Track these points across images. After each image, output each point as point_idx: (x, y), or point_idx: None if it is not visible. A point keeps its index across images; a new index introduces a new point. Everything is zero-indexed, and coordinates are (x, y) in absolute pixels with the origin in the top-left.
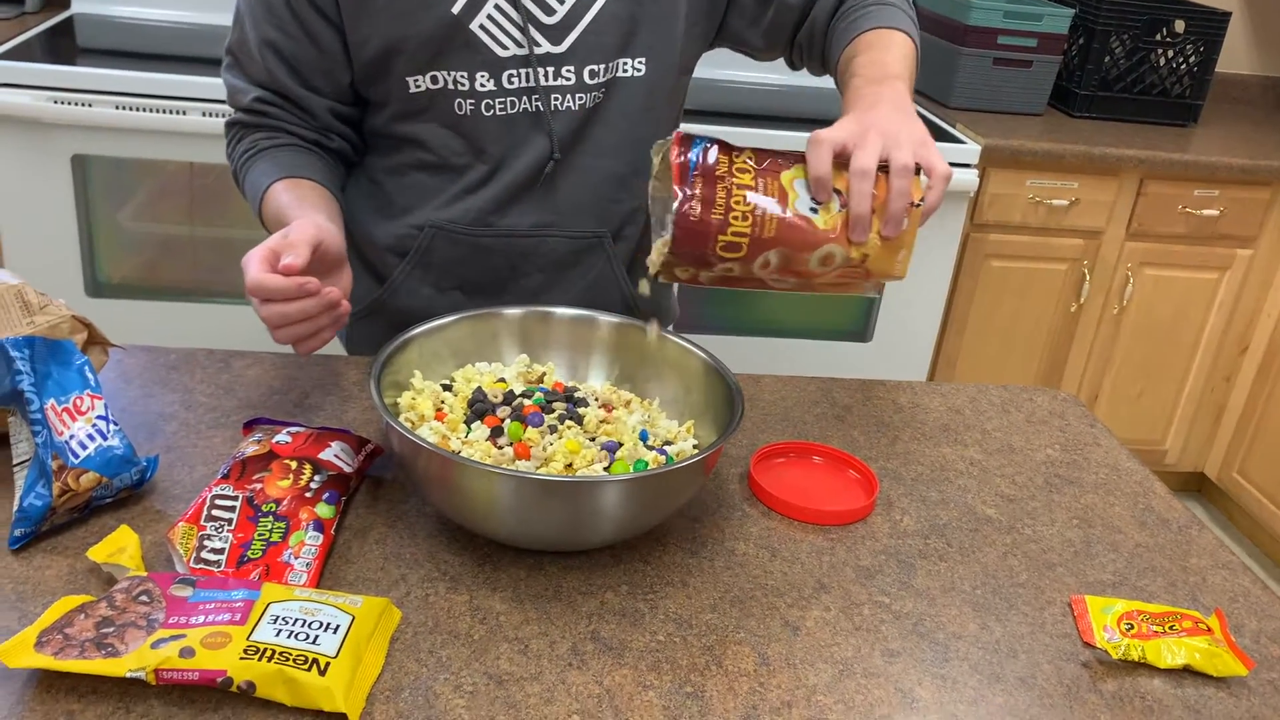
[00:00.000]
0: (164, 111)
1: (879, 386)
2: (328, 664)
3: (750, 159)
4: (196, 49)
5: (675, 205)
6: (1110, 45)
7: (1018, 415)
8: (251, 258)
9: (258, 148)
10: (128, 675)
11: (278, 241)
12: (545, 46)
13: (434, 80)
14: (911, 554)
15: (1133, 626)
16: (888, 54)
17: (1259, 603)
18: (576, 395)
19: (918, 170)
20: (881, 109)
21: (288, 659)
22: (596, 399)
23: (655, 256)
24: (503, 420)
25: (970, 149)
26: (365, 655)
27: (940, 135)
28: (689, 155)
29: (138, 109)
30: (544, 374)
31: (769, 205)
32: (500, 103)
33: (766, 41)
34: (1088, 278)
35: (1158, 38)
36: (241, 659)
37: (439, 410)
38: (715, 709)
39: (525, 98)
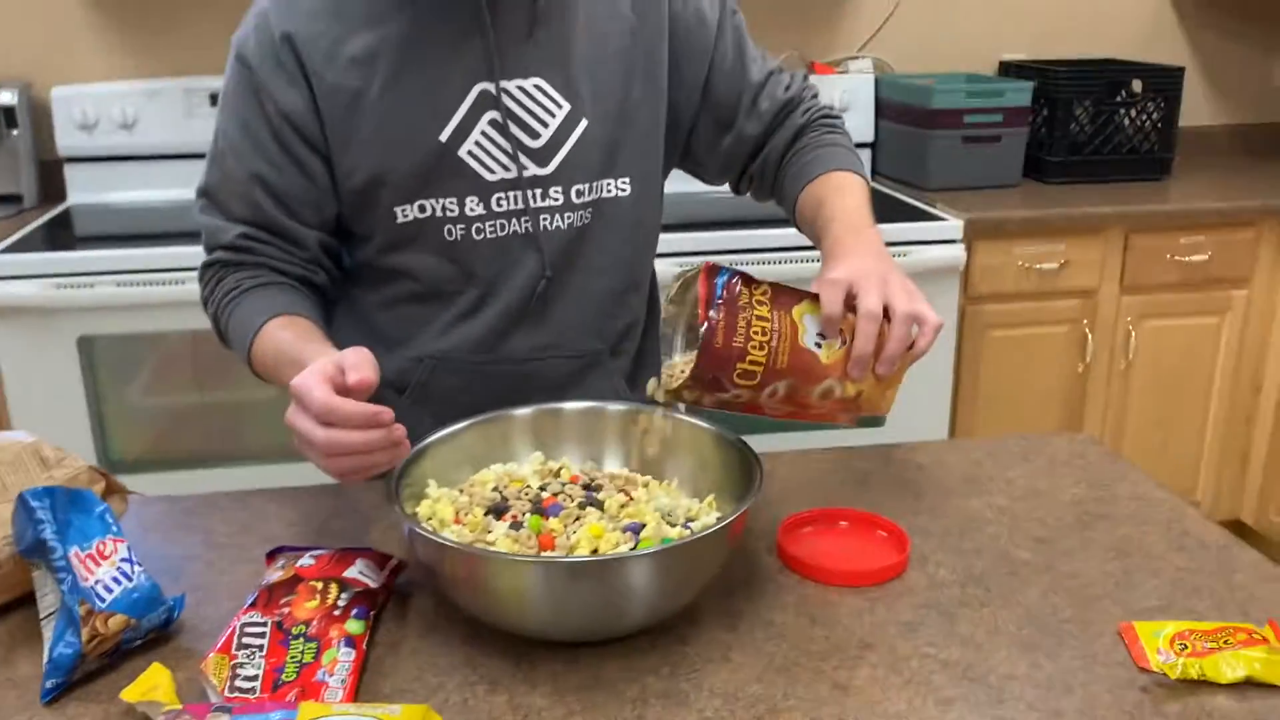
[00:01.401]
0: (163, 284)
1: (896, 449)
2: None
3: (766, 292)
4: (190, 223)
5: (703, 329)
6: (1074, 111)
7: (1039, 460)
8: (311, 380)
9: (241, 288)
10: None
11: (335, 362)
12: (532, 169)
13: (421, 209)
14: (952, 603)
15: (1187, 646)
16: (851, 199)
17: None
18: (594, 484)
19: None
20: (871, 258)
21: None
22: (615, 483)
23: (669, 378)
24: (521, 515)
25: (953, 224)
26: None
27: (920, 215)
28: (715, 284)
29: (138, 284)
30: (560, 468)
31: (782, 338)
32: (491, 225)
33: (720, 166)
34: (1090, 336)
35: (1118, 99)
36: None
37: (457, 516)
38: None
39: (515, 220)
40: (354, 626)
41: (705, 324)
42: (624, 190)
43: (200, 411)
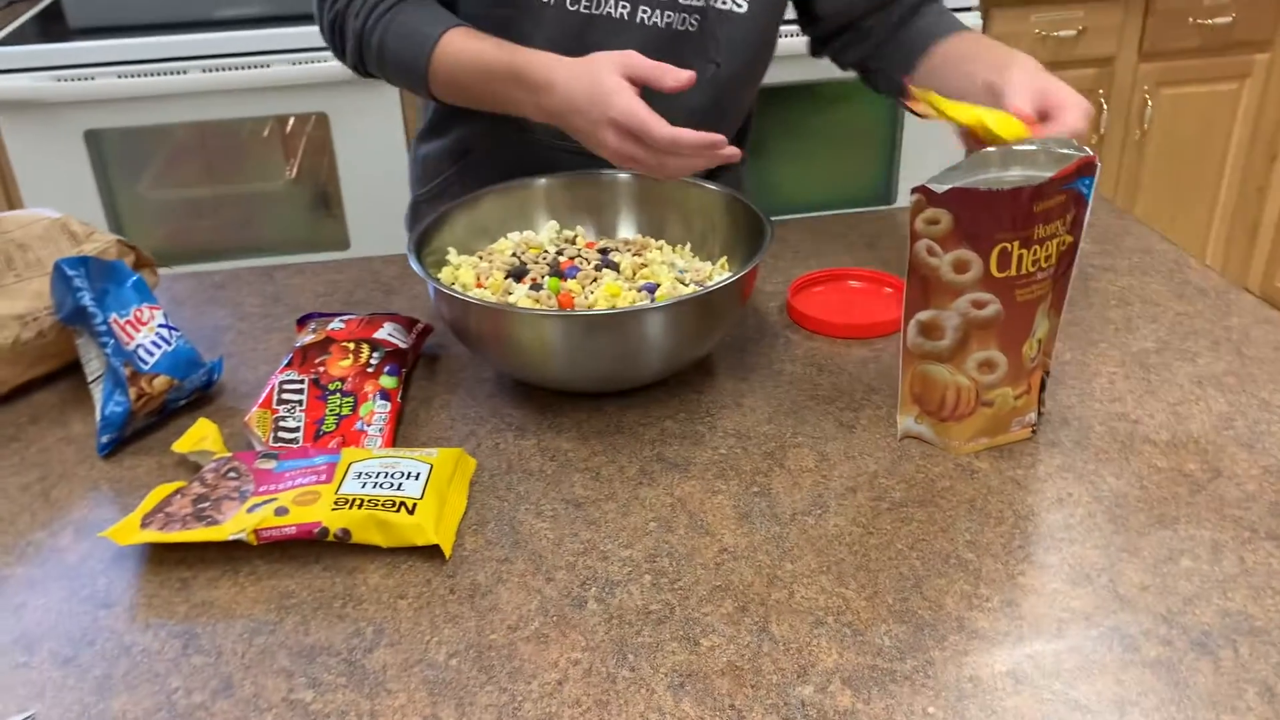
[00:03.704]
0: (166, 74)
1: (904, 213)
2: (415, 504)
3: None
4: (185, 13)
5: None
6: None
7: None
8: (639, 108)
9: (389, 2)
10: (230, 539)
11: (627, 70)
12: None
13: None
14: None
15: None
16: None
17: None
18: (609, 250)
19: None
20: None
21: (376, 504)
22: (629, 248)
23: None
24: (540, 278)
25: None
26: (449, 496)
27: None
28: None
29: (140, 75)
30: (575, 236)
31: None
32: (586, 1)
33: (828, 11)
34: (1105, 107)
35: None
36: (334, 510)
37: (479, 280)
38: (783, 502)
39: (612, 1)
40: (387, 381)
41: None
42: (740, 6)
43: (213, 204)
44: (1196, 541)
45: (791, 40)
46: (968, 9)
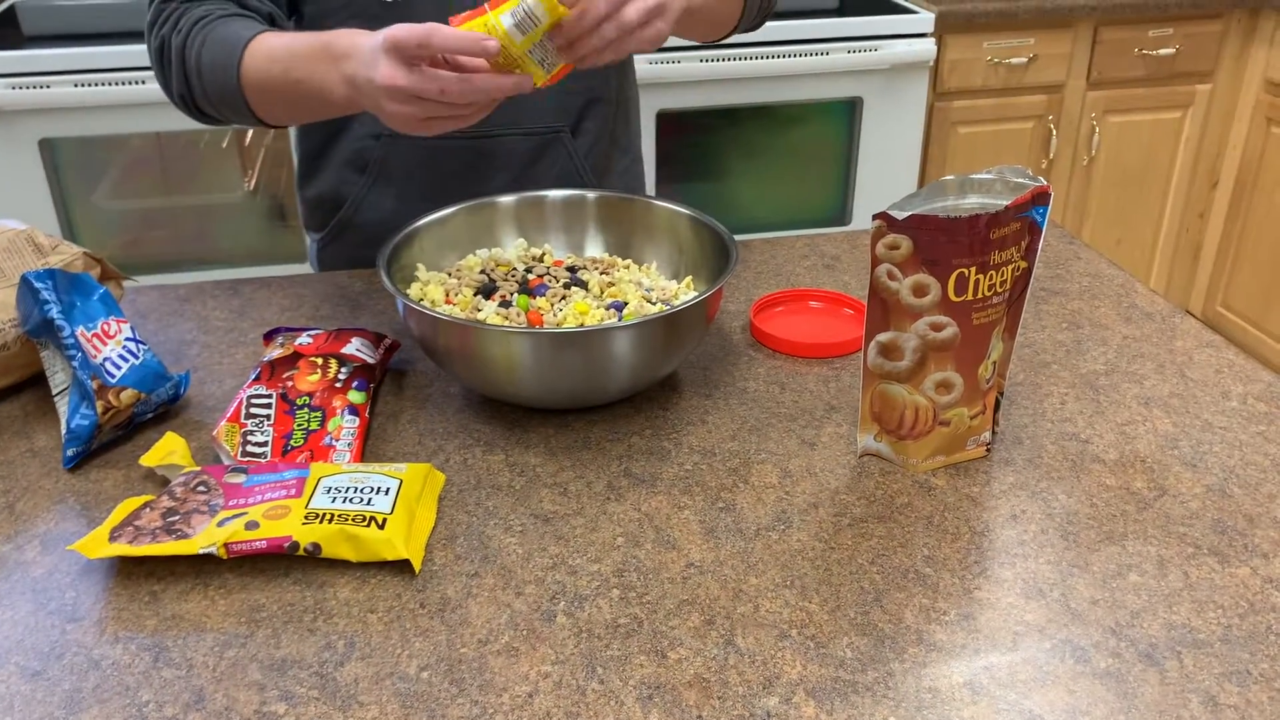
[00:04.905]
0: (123, 84)
1: (863, 235)
2: (385, 519)
3: None
4: (142, 22)
5: None
6: None
7: None
8: (421, 28)
9: (213, 15)
10: (200, 552)
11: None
12: None
13: None
14: None
15: None
16: None
17: (1243, 370)
18: (577, 269)
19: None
20: None
21: (347, 519)
22: (596, 266)
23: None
24: (509, 295)
25: (924, 18)
26: (417, 511)
27: (892, 8)
28: None
29: (96, 84)
30: (543, 254)
31: None
32: None
33: None
34: (1054, 132)
35: None
36: (304, 525)
37: (448, 296)
38: (747, 517)
39: None
40: (356, 396)
41: None
42: None
43: (169, 215)
44: (1143, 557)
45: (750, 64)
46: (923, 35)
